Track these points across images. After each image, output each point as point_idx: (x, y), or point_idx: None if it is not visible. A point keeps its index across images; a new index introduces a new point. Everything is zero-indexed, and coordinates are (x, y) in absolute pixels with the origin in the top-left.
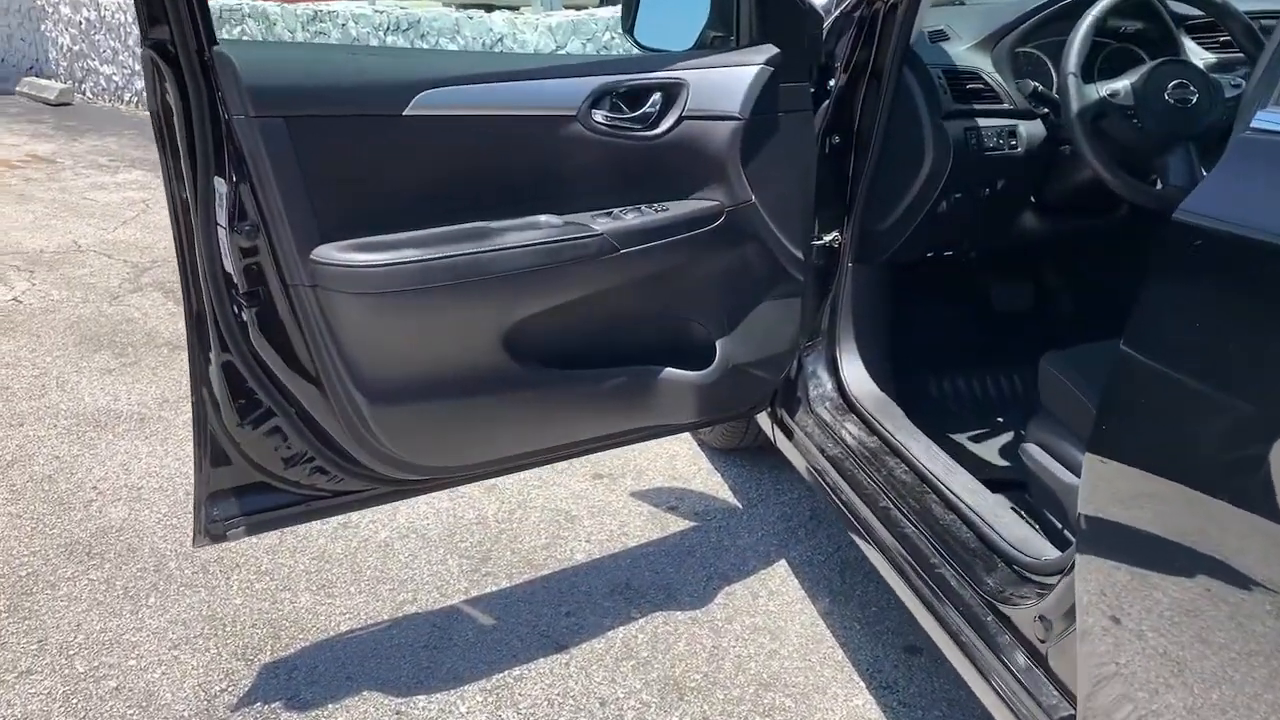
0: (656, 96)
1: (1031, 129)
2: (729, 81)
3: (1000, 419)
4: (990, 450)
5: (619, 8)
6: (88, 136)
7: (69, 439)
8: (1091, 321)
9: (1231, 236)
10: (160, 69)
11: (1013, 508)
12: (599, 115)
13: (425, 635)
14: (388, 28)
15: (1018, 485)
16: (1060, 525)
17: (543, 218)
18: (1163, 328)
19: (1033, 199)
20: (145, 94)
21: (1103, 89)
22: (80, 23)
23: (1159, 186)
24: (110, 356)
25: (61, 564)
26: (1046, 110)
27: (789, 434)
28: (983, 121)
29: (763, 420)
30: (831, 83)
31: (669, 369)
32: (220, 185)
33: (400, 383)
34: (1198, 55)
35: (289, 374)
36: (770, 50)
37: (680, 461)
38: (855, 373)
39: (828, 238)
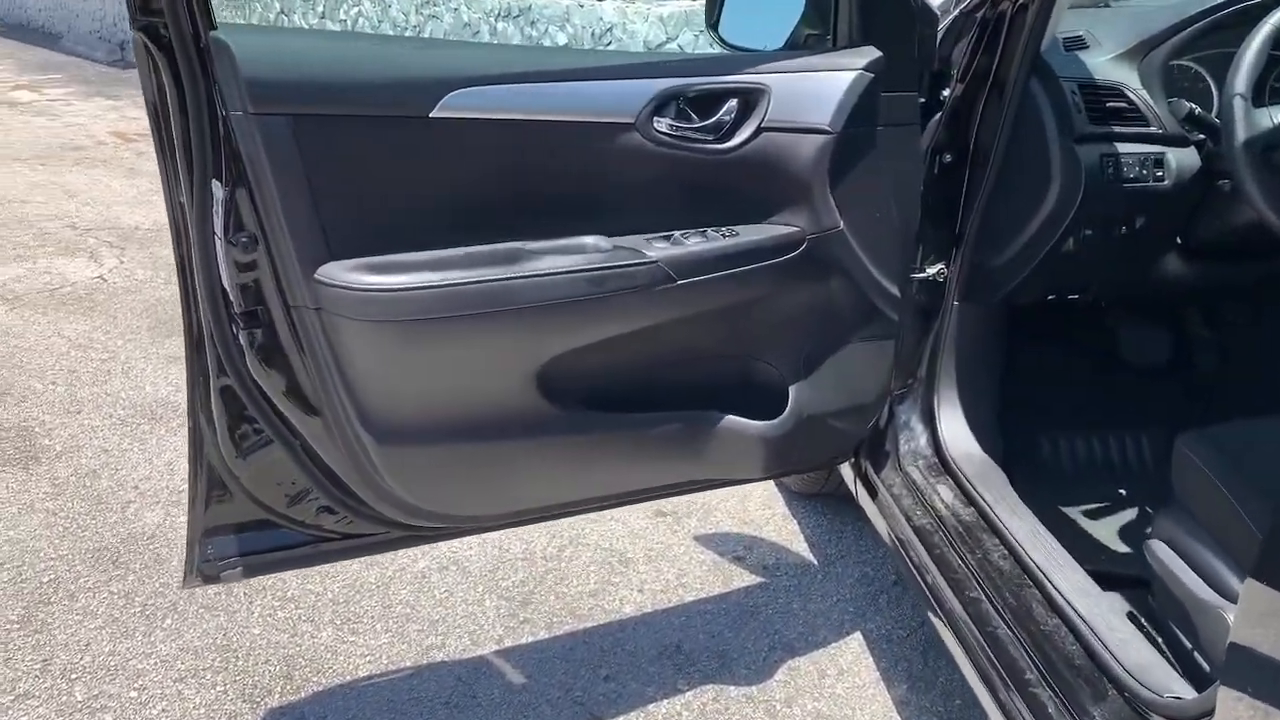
0: (731, 103)
1: (1183, 158)
2: (819, 88)
3: (1123, 491)
4: (1108, 532)
5: None
6: None
7: (121, 431)
8: (1242, 389)
9: None
10: (153, 56)
11: (1130, 613)
12: (662, 123)
13: (448, 690)
14: (499, 14)
15: (1138, 583)
16: (1190, 647)
17: (589, 240)
18: None
19: (1179, 240)
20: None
21: (1277, 115)
22: None
23: None
24: (180, 344)
25: (85, 572)
26: (1203, 137)
27: (872, 492)
28: (1123, 147)
29: (845, 469)
30: (945, 93)
31: (730, 416)
32: (218, 190)
33: (414, 422)
34: None
35: (290, 405)
36: (872, 54)
37: (753, 503)
38: (954, 428)
39: (932, 270)
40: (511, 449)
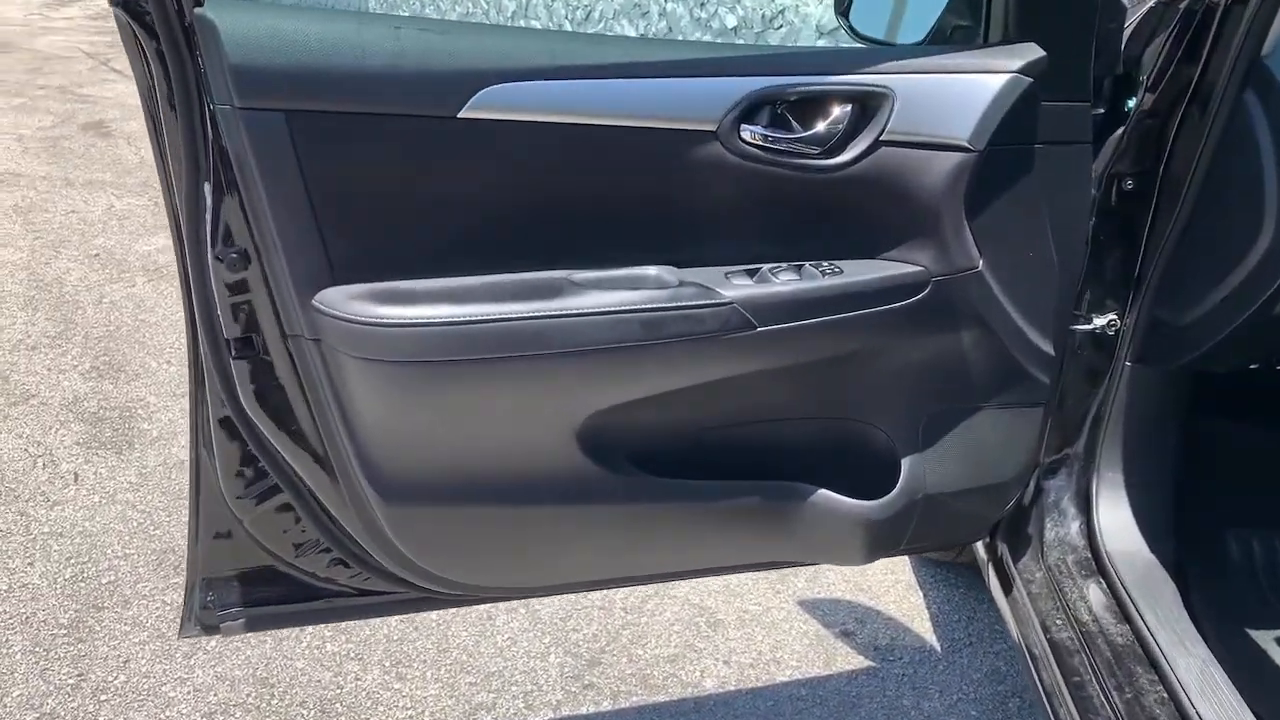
0: (843, 109)
1: None
2: (959, 94)
3: None
4: None
5: None
6: None
7: None
8: None
9: None
10: (138, 38)
11: None
12: (751, 132)
13: None
14: None
15: None
16: None
17: (651, 272)
18: None
19: None
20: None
21: None
22: None
23: None
24: None
25: (146, 575)
26: None
27: (1006, 584)
28: None
29: (979, 546)
30: (1130, 104)
31: (824, 492)
32: (208, 197)
33: (427, 480)
34: None
35: (290, 447)
36: (1031, 52)
37: (875, 566)
38: (1115, 518)
39: (1100, 322)
40: (545, 515)
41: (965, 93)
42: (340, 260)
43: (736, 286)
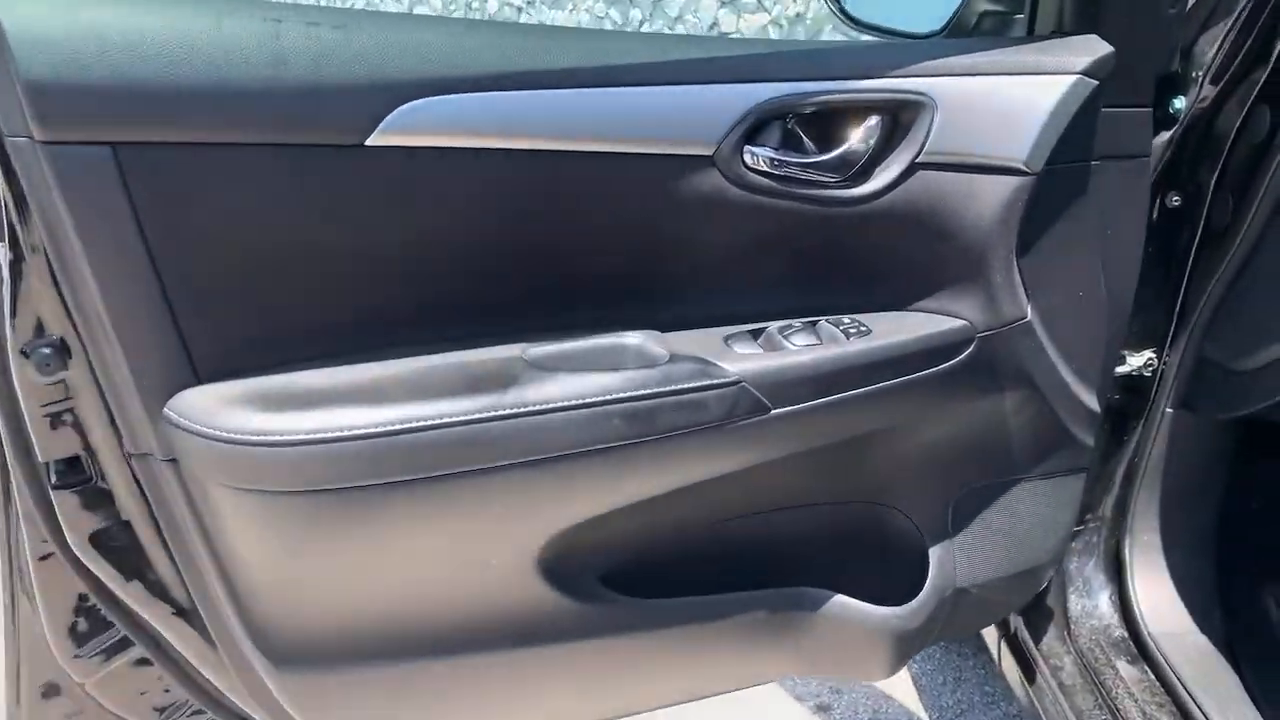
0: (870, 124)
1: None
2: (1014, 101)
3: None
4: None
5: None
6: None
7: None
8: None
9: None
10: None
11: None
12: (757, 155)
13: None
14: None
15: None
16: None
17: (630, 341)
18: None
19: None
20: None
21: None
22: None
23: None
24: None
25: None
26: None
27: (1028, 670)
28: None
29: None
30: (1178, 102)
31: (841, 599)
32: (4, 265)
33: (338, 637)
34: None
35: (140, 598)
36: (1096, 47)
37: None
38: (1157, 593)
39: (1137, 361)
40: (499, 663)
41: (1021, 100)
42: (202, 350)
43: (741, 357)
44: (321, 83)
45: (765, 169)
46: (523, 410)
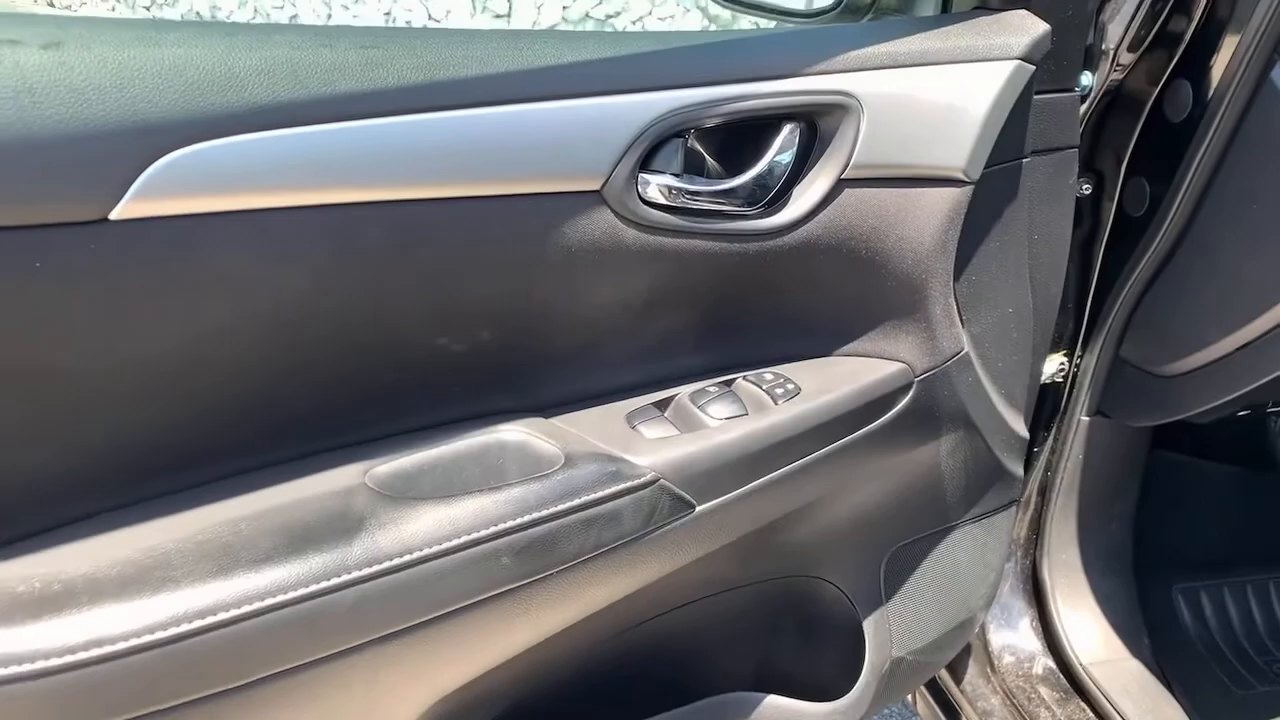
0: (786, 134)
1: None
2: (948, 98)
3: None
4: None
5: None
6: None
7: None
8: None
9: None
10: None
11: None
12: (654, 184)
13: None
14: None
15: None
16: None
17: (509, 436)
18: None
19: None
20: None
21: None
22: None
23: None
24: None
25: None
26: None
27: (952, 716)
28: None
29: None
30: (1085, 79)
31: (773, 700)
32: None
33: None
34: None
35: None
36: (1032, 25)
37: None
38: (1081, 616)
39: (1049, 368)
40: None
41: (957, 94)
42: None
43: (654, 445)
44: (42, 134)
45: (665, 201)
46: (376, 570)
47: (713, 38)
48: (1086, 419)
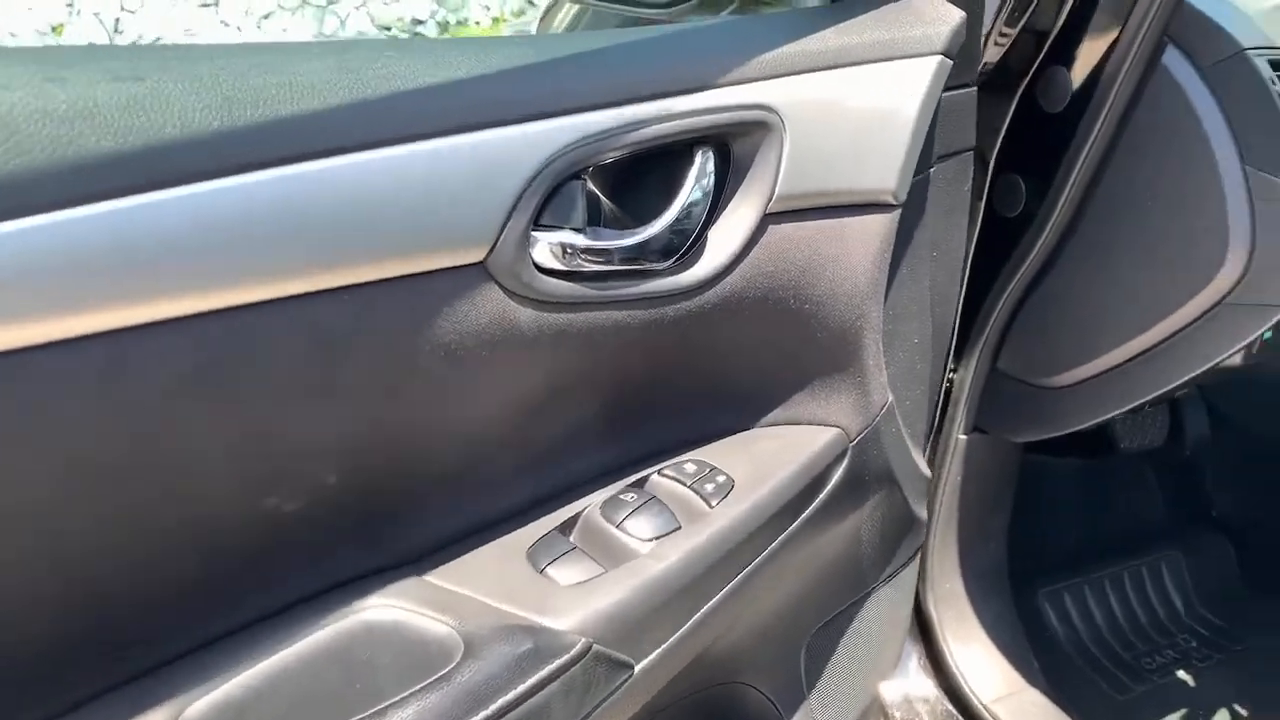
0: (698, 165)
1: None
2: (873, 105)
3: None
4: None
5: None
6: None
7: None
8: None
9: None
10: None
11: None
12: (552, 245)
13: None
14: None
15: None
16: None
17: (377, 615)
18: None
19: None
20: None
21: None
22: None
23: None
24: None
25: None
26: None
27: None
28: None
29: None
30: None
31: None
32: None
33: None
34: None
35: None
36: (948, 13)
37: None
38: (972, 649)
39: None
40: None
41: (880, 100)
42: None
43: (575, 596)
44: None
45: (564, 266)
46: None
47: (603, 40)
48: (964, 437)
